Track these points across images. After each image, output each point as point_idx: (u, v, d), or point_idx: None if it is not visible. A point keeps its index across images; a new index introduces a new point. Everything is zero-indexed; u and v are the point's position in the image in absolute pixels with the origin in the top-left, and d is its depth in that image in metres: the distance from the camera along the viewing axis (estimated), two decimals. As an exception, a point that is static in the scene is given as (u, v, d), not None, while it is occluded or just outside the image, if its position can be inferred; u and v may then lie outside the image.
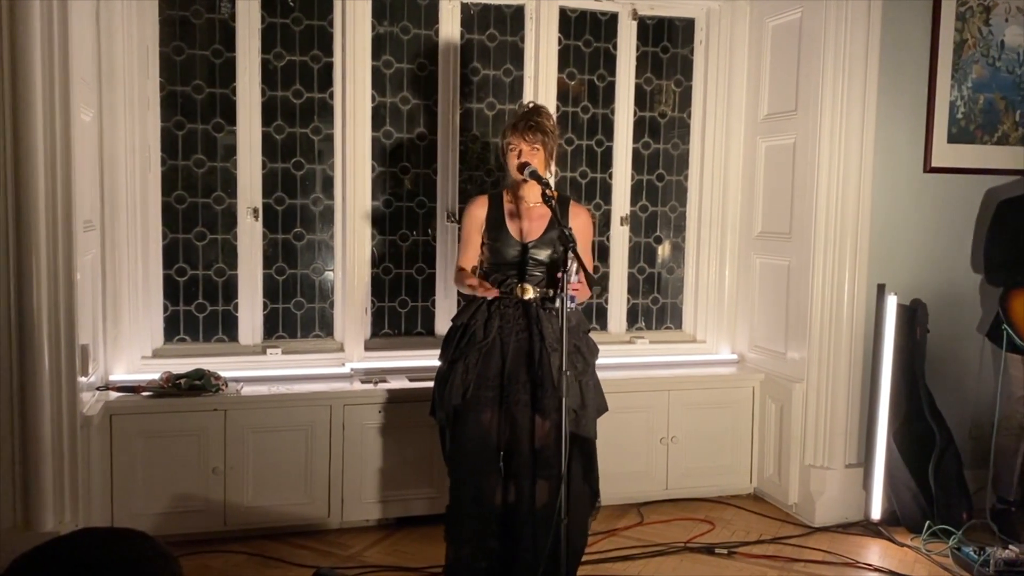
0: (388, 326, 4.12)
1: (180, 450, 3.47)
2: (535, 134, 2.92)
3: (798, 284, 3.98)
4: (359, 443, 3.67)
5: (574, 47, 4.25)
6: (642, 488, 4.08)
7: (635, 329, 4.48)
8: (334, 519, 3.67)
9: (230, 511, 3.53)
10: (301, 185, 3.97)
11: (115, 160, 3.56)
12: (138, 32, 3.62)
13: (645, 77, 4.37)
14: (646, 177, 4.44)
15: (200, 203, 3.85)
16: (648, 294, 4.51)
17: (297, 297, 4.01)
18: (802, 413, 3.95)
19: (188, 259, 3.86)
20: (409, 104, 4.05)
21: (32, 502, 2.92)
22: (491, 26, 4.13)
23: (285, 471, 3.59)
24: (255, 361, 3.86)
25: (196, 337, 3.90)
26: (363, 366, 3.95)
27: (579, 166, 4.32)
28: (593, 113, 4.32)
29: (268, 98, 3.87)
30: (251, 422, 3.55)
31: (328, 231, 4.01)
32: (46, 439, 2.92)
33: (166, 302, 3.84)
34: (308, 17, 3.89)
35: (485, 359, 2.91)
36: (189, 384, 3.54)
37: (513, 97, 4.14)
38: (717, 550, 3.59)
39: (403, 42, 4.02)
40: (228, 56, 3.80)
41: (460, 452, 2.95)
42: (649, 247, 4.50)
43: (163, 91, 3.74)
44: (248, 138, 3.84)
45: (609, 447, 3.82)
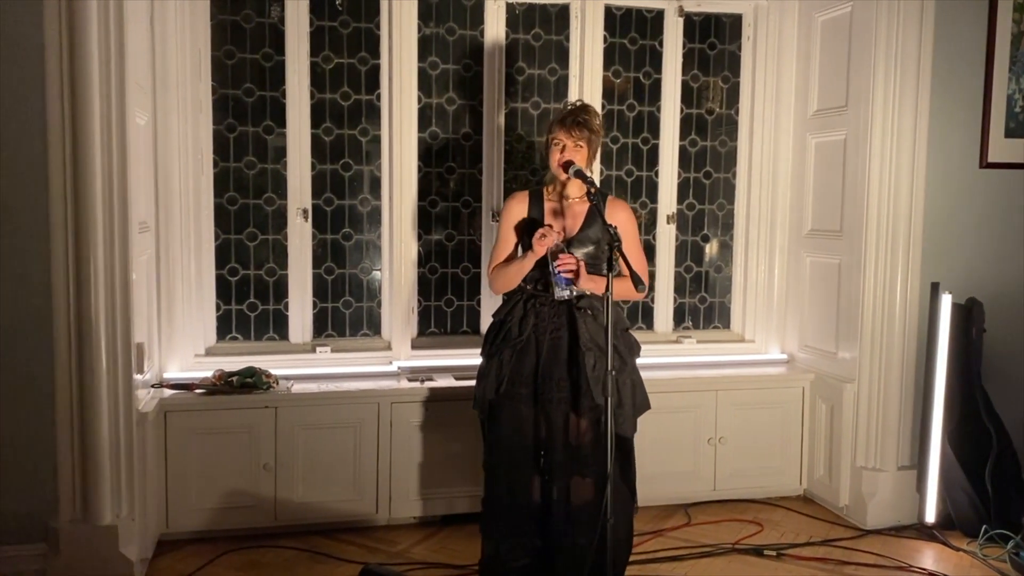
0: (434, 325, 4.15)
1: (232, 447, 3.54)
2: (581, 130, 2.91)
3: (849, 283, 3.91)
4: (406, 441, 3.71)
5: (619, 45, 4.23)
6: (689, 489, 4.05)
7: (682, 328, 4.45)
8: (381, 516, 3.72)
9: (280, 507, 3.59)
10: (349, 186, 4.02)
11: (169, 163, 3.65)
12: (191, 37, 3.70)
13: (692, 74, 4.34)
14: (693, 175, 4.40)
15: (251, 204, 3.93)
16: (695, 293, 4.47)
17: (345, 296, 4.06)
18: (853, 414, 3.88)
19: (240, 259, 3.94)
20: (455, 105, 4.08)
21: (91, 496, 3.02)
22: (536, 25, 4.13)
23: (334, 468, 3.64)
24: (305, 359, 3.92)
25: (248, 336, 3.98)
26: (410, 364, 3.99)
27: (625, 164, 4.31)
28: (639, 111, 4.30)
29: (317, 100, 3.92)
30: (301, 419, 3.61)
31: (375, 231, 4.06)
32: (104, 435, 3.01)
33: (219, 301, 3.92)
34: (355, 20, 3.94)
35: (519, 356, 2.92)
36: (241, 382, 3.61)
37: (558, 96, 4.14)
38: (766, 552, 3.55)
39: (449, 43, 4.05)
40: (278, 59, 3.86)
41: (494, 447, 2.98)
42: (696, 245, 4.46)
43: (215, 95, 3.82)
44: (298, 140, 3.90)
45: (656, 447, 3.82)
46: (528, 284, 2.97)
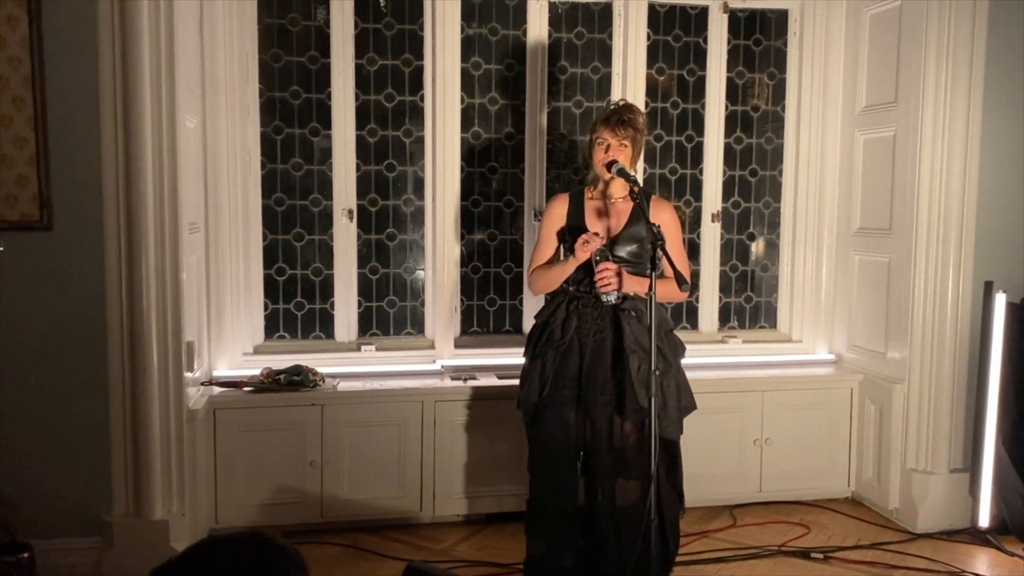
0: (477, 324, 4.17)
1: (279, 443, 3.60)
2: (626, 129, 2.90)
3: (899, 281, 3.83)
4: (449, 439, 3.73)
5: (663, 42, 4.20)
6: (735, 490, 4.01)
7: (727, 328, 4.41)
8: (426, 513, 3.74)
9: (326, 503, 3.64)
10: (393, 186, 4.06)
11: (218, 165, 3.72)
12: (238, 41, 3.77)
13: (737, 71, 4.29)
14: (738, 173, 4.35)
15: (298, 205, 3.99)
16: (741, 292, 4.43)
17: (390, 295, 4.10)
18: (903, 415, 3.80)
19: (287, 259, 4.00)
20: (497, 104, 4.09)
21: (142, 492, 3.10)
22: (579, 24, 4.12)
23: (379, 465, 3.68)
24: (350, 358, 3.97)
25: (295, 334, 4.04)
26: (453, 363, 4.01)
27: (668, 162, 4.28)
28: (683, 108, 4.27)
29: (362, 102, 3.97)
30: (347, 417, 3.65)
31: (419, 231, 4.09)
32: (155, 432, 3.09)
33: (266, 300, 3.99)
34: (399, 21, 3.97)
35: (563, 358, 2.91)
36: (288, 380, 3.66)
37: (601, 95, 4.13)
38: (813, 554, 3.50)
39: (491, 43, 4.06)
40: (323, 62, 3.91)
41: (538, 448, 2.97)
42: (742, 244, 4.41)
43: (262, 97, 3.88)
44: (343, 141, 3.95)
45: (701, 448, 3.78)
46: (571, 286, 2.96)
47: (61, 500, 3.10)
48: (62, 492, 3.10)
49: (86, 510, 3.12)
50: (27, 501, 3.05)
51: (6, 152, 2.99)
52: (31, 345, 3.05)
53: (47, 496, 3.08)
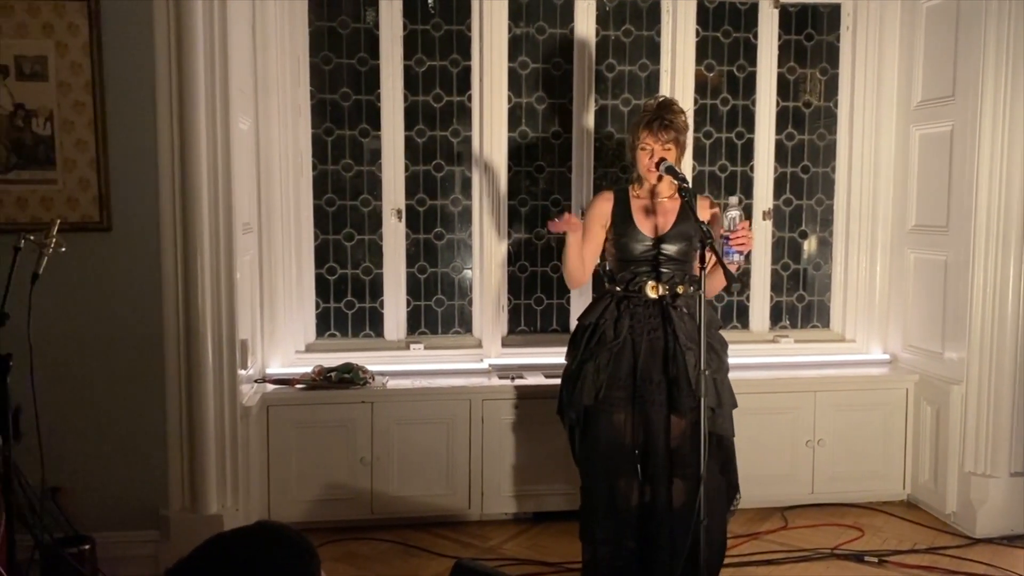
0: (524, 323, 4.18)
1: (330, 440, 3.65)
2: (668, 132, 2.86)
3: (956, 280, 3.74)
4: (497, 437, 3.74)
5: (712, 38, 4.16)
6: (786, 491, 3.95)
7: (779, 328, 4.35)
8: (474, 511, 3.76)
9: (376, 500, 3.68)
10: (441, 186, 4.09)
11: (270, 166, 3.78)
12: (290, 43, 3.83)
13: (788, 66, 4.23)
14: (790, 169, 4.29)
15: (348, 205, 4.04)
16: (793, 291, 4.36)
17: (438, 294, 4.13)
18: (961, 417, 3.71)
19: (337, 259, 4.05)
20: (544, 103, 4.09)
21: (198, 487, 3.17)
22: (627, 21, 4.11)
23: (427, 462, 3.71)
24: (399, 356, 4.01)
25: (345, 333, 4.09)
26: (500, 362, 4.03)
27: (718, 159, 4.23)
28: (733, 105, 4.22)
29: (410, 103, 4.00)
30: (396, 414, 3.69)
31: (466, 230, 4.11)
32: (210, 428, 3.16)
33: (318, 299, 4.05)
34: (447, 22, 4.00)
35: (616, 359, 2.88)
36: (339, 377, 3.72)
37: (649, 92, 4.10)
38: (867, 558, 3.44)
39: (539, 42, 4.06)
40: (373, 64, 3.96)
41: (593, 453, 2.93)
42: (794, 242, 4.35)
43: (313, 99, 3.94)
44: (392, 142, 3.99)
45: (751, 449, 3.73)
46: (619, 286, 2.95)
47: (120, 495, 3.19)
48: (121, 487, 3.19)
49: (144, 504, 3.20)
50: (89, 495, 3.14)
51: (68, 155, 3.09)
52: (91, 343, 3.15)
53: (107, 491, 3.17)
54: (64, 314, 3.08)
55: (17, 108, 3.06)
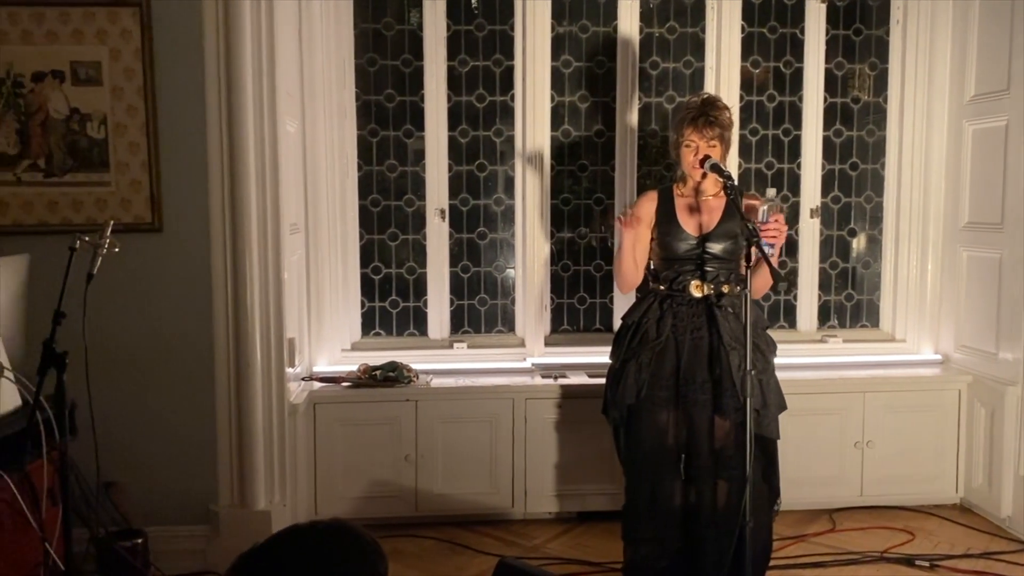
0: (567, 322, 4.17)
1: (375, 438, 3.69)
2: (712, 129, 2.83)
3: (1011, 278, 3.65)
4: (540, 436, 3.75)
5: (758, 34, 4.11)
6: (834, 493, 3.89)
7: (827, 327, 4.28)
8: (518, 510, 3.77)
9: (421, 497, 3.71)
10: (484, 186, 4.10)
11: (317, 167, 3.83)
12: (335, 46, 3.87)
13: (836, 61, 4.16)
14: (838, 166, 4.22)
15: (392, 205, 4.07)
16: (841, 290, 4.29)
17: (481, 294, 4.15)
18: (1016, 418, 3.62)
19: (382, 258, 4.09)
20: (587, 102, 4.08)
21: (247, 483, 3.23)
22: (671, 18, 4.08)
23: (471, 461, 3.73)
24: (442, 355, 4.04)
25: (390, 331, 4.13)
26: (543, 361, 4.03)
27: (764, 156, 4.18)
28: (779, 101, 4.16)
29: (453, 103, 4.02)
30: (440, 413, 3.71)
31: (509, 230, 4.12)
32: (258, 425, 3.21)
33: (363, 298, 4.09)
34: (490, 22, 4.01)
35: (659, 358, 2.86)
36: (384, 375, 3.75)
37: (694, 89, 4.07)
38: (918, 562, 3.37)
39: (581, 40, 4.06)
40: (416, 65, 3.98)
41: (635, 452, 2.93)
42: (842, 240, 4.28)
43: (358, 101, 3.98)
44: (436, 143, 4.02)
45: (799, 450, 3.69)
46: (663, 284, 2.93)
47: (171, 490, 3.25)
48: (172, 482, 3.25)
49: (195, 500, 3.26)
50: (141, 490, 3.22)
51: (121, 158, 3.17)
52: (144, 342, 3.22)
53: (159, 486, 3.24)
54: (117, 313, 3.16)
55: (73, 112, 3.15)
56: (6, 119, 3.12)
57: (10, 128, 3.13)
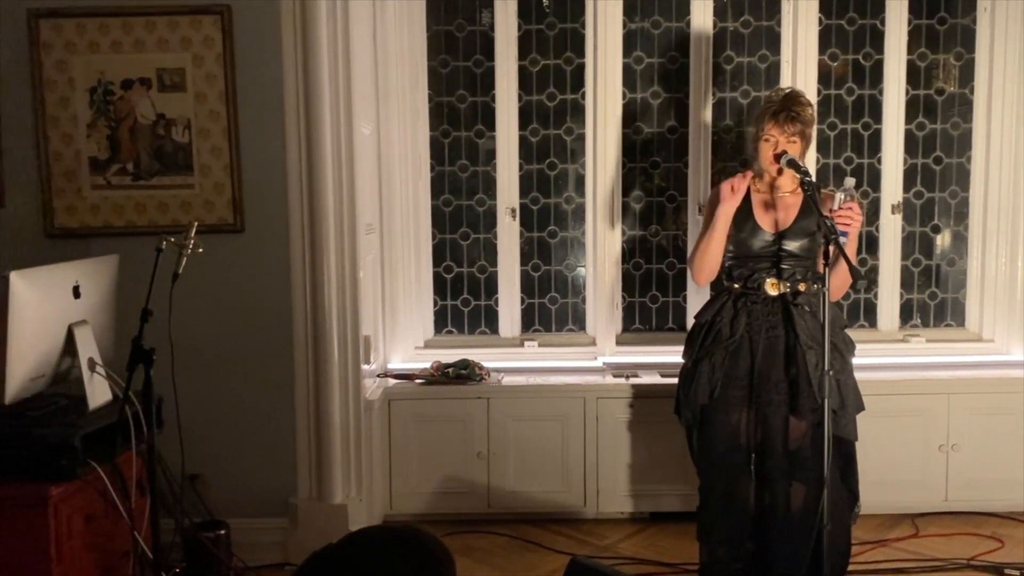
0: (639, 321, 4.14)
1: (448, 434, 3.73)
2: (793, 124, 2.78)
3: (1110, 276, 3.48)
4: (612, 436, 3.73)
5: (836, 26, 4.01)
6: (917, 498, 3.77)
7: (909, 327, 4.15)
8: (590, 509, 3.76)
9: (493, 494, 3.74)
10: (555, 184, 4.10)
11: (391, 168, 3.89)
12: (408, 49, 3.93)
13: (918, 52, 4.03)
14: (921, 160, 4.09)
15: (464, 205, 4.11)
16: (924, 288, 4.16)
17: (551, 292, 4.15)
18: (1116, 423, 3.45)
19: (454, 257, 4.13)
20: (660, 98, 4.04)
21: (324, 477, 3.30)
22: (745, 12, 4.01)
23: (543, 459, 3.74)
24: (514, 353, 4.06)
25: (461, 329, 4.17)
26: (614, 360, 4.01)
27: (843, 151, 4.08)
28: (858, 94, 4.05)
29: (524, 103, 4.03)
30: (511, 410, 3.73)
31: (580, 228, 4.11)
32: (336, 421, 3.29)
33: (435, 297, 4.14)
34: (561, 21, 4.01)
35: (732, 358, 2.82)
36: (456, 373, 3.79)
37: (769, 83, 3.99)
38: (1007, 571, 3.24)
39: (654, 36, 4.02)
40: (488, 65, 4.01)
41: (709, 453, 2.89)
42: (925, 237, 4.14)
43: (431, 102, 4.03)
44: (506, 142, 4.03)
45: (880, 453, 3.59)
46: (737, 283, 2.89)
47: (252, 483, 3.35)
48: (253, 475, 3.35)
49: (274, 493, 3.36)
50: (223, 483, 3.32)
51: (204, 161, 3.28)
52: (226, 339, 3.32)
53: (240, 479, 3.34)
54: (201, 311, 3.26)
55: (159, 118, 3.27)
56: (98, 125, 3.26)
57: (101, 134, 3.26)
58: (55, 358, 2.49)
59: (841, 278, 2.71)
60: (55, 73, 3.22)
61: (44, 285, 2.44)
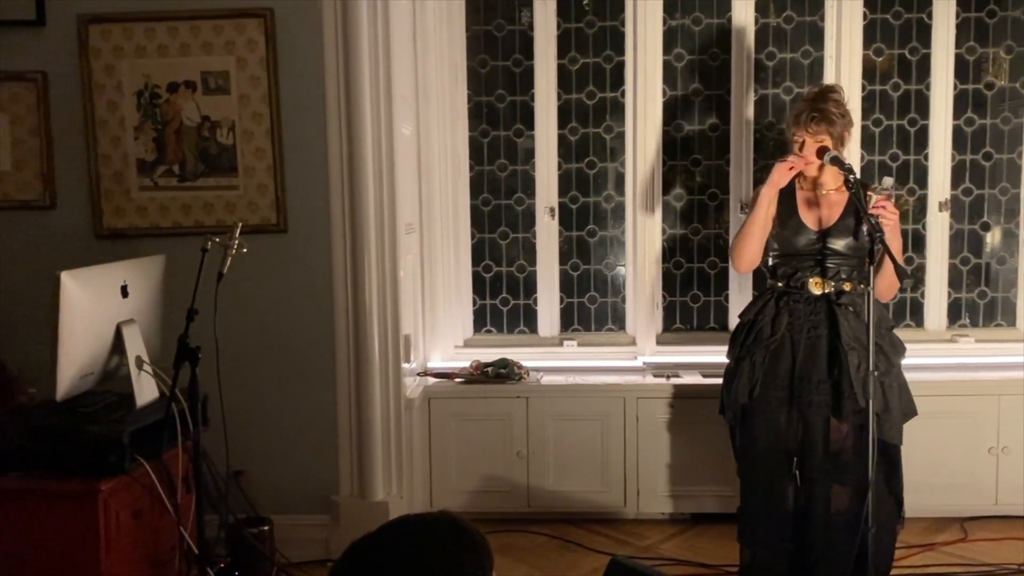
0: (680, 321, 4.11)
1: (488, 433, 3.73)
2: (818, 124, 2.73)
3: None
4: (653, 436, 3.70)
5: (881, 20, 3.94)
6: (965, 501, 3.68)
7: (957, 326, 4.06)
8: (630, 509, 3.75)
9: (533, 494, 3.74)
10: (594, 183, 4.09)
11: (430, 168, 3.91)
12: (448, 49, 3.94)
13: (967, 46, 3.94)
14: (969, 157, 3.99)
15: (503, 204, 4.12)
16: (973, 287, 4.06)
17: (591, 292, 4.14)
18: None
19: (493, 257, 4.14)
20: (700, 95, 4.01)
21: (366, 475, 3.33)
22: (787, 7, 3.95)
23: (582, 459, 3.73)
24: (553, 352, 4.05)
25: (500, 329, 4.17)
26: (655, 360, 3.98)
27: (888, 148, 4.00)
28: (904, 90, 3.97)
29: (563, 101, 4.03)
30: (550, 410, 3.72)
31: (619, 227, 4.09)
32: (377, 419, 3.31)
33: (475, 296, 4.15)
34: (601, 19, 3.99)
35: (773, 357, 2.78)
36: (495, 372, 3.80)
37: (812, 79, 3.93)
38: (1060, 578, 3.16)
39: (694, 33, 3.98)
40: (527, 64, 4.01)
41: (749, 453, 2.87)
42: (974, 235, 4.04)
43: (470, 102, 4.04)
44: (545, 141, 4.03)
45: (927, 455, 3.52)
46: (780, 281, 2.85)
47: (295, 480, 3.39)
48: (296, 472, 3.39)
49: (316, 490, 3.39)
50: (267, 480, 3.36)
51: (248, 163, 3.32)
52: (269, 337, 3.37)
53: (283, 476, 3.38)
54: (245, 310, 3.30)
55: (204, 120, 3.32)
56: (144, 128, 3.32)
57: (148, 136, 3.33)
58: (104, 356, 2.54)
59: (889, 279, 2.66)
60: (104, 77, 3.29)
61: (93, 285, 2.50)
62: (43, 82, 3.29)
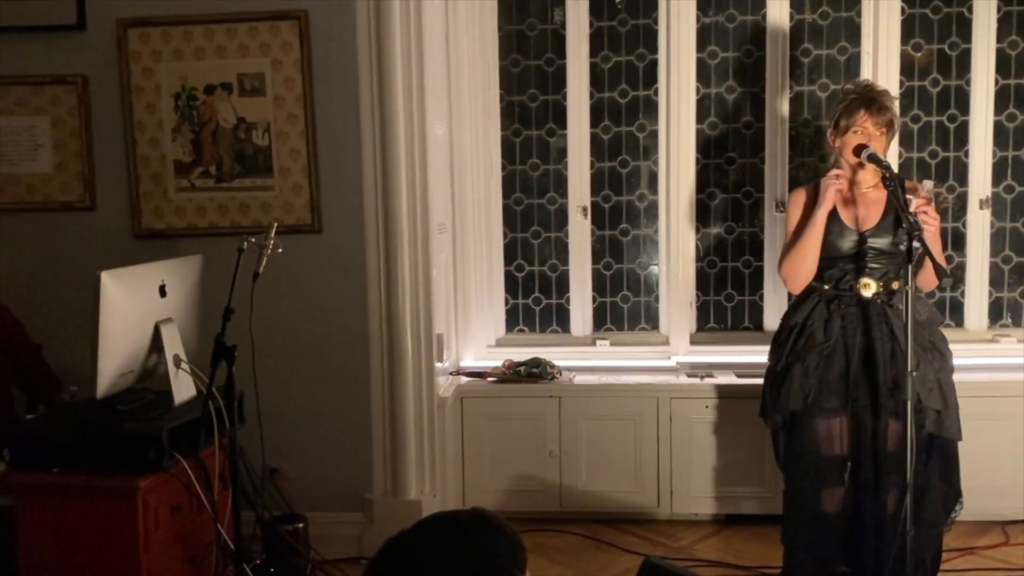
0: (714, 320, 4.08)
1: (520, 432, 3.74)
2: (885, 115, 2.70)
3: None
4: (687, 436, 3.68)
5: (919, 15, 3.87)
6: (1007, 505, 3.61)
7: (999, 326, 3.98)
8: (663, 510, 3.72)
9: (565, 493, 3.73)
10: (626, 182, 4.07)
11: (463, 168, 3.92)
12: (480, 49, 3.95)
13: (1009, 40, 3.86)
14: (1011, 153, 3.91)
15: (535, 204, 4.11)
16: (1015, 287, 3.98)
17: (623, 291, 4.12)
18: None
19: (525, 256, 4.14)
20: (735, 93, 3.97)
21: (399, 473, 3.35)
22: (823, 3, 3.90)
23: (615, 458, 3.71)
24: (585, 352, 4.04)
25: (533, 328, 4.17)
26: (688, 360, 3.95)
27: (927, 145, 3.93)
28: (944, 85, 3.90)
29: (596, 100, 4.01)
30: (583, 409, 3.72)
31: (652, 226, 4.07)
32: (410, 418, 3.33)
33: (507, 296, 4.15)
34: (634, 17, 3.97)
35: (827, 362, 2.72)
36: (528, 371, 3.80)
37: (849, 76, 3.87)
38: (1106, 584, 3.09)
39: (728, 30, 3.95)
40: (559, 63, 4.00)
41: (800, 459, 2.81)
42: (1016, 232, 3.96)
43: (502, 102, 4.04)
44: (578, 140, 4.02)
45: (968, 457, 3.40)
46: (827, 284, 2.80)
47: (329, 478, 3.42)
48: (330, 471, 3.42)
49: (350, 488, 3.42)
50: (301, 477, 3.40)
51: (283, 164, 3.35)
52: (304, 337, 3.40)
53: (318, 474, 3.41)
54: (280, 309, 3.34)
55: (240, 121, 3.36)
56: (182, 130, 3.37)
57: (185, 138, 3.37)
58: (143, 355, 2.59)
59: (927, 277, 2.63)
60: (142, 80, 3.35)
61: (132, 284, 2.54)
62: (83, 85, 3.36)
